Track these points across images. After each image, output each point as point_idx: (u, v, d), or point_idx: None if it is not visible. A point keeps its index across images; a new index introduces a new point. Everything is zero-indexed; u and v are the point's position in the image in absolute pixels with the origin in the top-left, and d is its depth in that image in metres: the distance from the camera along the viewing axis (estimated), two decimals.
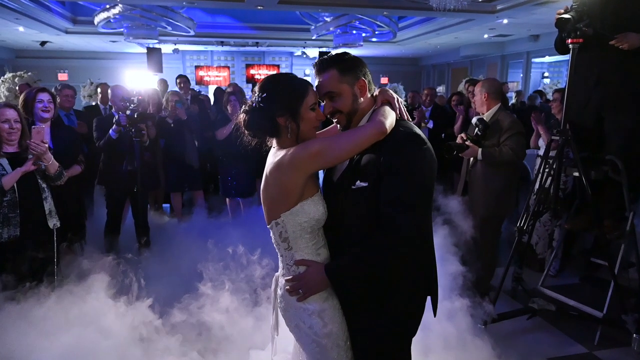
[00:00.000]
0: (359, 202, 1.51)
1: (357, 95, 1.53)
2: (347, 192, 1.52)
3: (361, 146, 1.45)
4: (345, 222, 1.55)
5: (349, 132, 1.51)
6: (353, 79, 1.52)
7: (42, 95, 3.35)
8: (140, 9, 10.04)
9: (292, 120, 1.47)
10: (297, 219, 1.48)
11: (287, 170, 1.44)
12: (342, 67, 1.52)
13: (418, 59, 18.93)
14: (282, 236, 1.52)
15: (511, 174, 3.40)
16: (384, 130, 1.44)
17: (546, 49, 12.11)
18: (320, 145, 1.45)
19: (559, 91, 4.24)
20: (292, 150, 1.46)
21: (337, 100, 1.53)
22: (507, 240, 4.69)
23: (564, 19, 2.81)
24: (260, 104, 1.48)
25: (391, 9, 9.84)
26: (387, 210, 1.43)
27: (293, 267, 1.54)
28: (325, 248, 1.57)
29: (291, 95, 1.47)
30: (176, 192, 5.15)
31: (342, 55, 1.55)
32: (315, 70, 1.57)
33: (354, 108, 1.54)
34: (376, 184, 1.46)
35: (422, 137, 1.48)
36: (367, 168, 1.48)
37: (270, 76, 1.55)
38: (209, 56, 17.21)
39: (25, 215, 2.66)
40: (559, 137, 3.00)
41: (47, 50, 14.97)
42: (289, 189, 1.46)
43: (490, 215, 3.42)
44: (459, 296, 3.32)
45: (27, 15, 9.77)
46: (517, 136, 3.26)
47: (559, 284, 3.79)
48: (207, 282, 2.93)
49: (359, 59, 1.57)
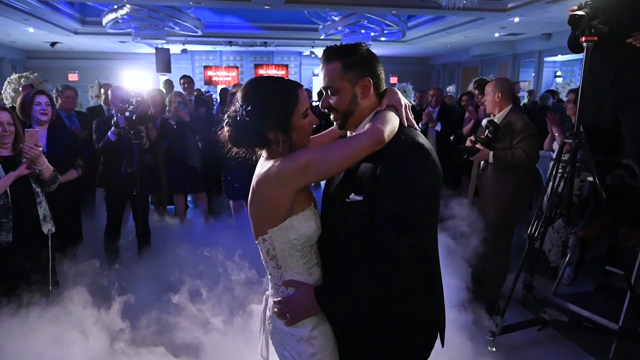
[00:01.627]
0: (354, 218, 1.34)
1: (357, 95, 1.37)
2: (342, 206, 1.37)
3: (356, 157, 1.30)
4: (339, 239, 1.39)
5: (342, 142, 1.34)
6: (356, 77, 1.36)
7: (40, 98, 3.30)
8: (147, 10, 10.04)
9: (283, 133, 1.32)
10: (286, 235, 1.33)
11: (273, 184, 1.30)
12: (347, 62, 1.35)
13: (428, 58, 18.75)
14: (270, 254, 1.38)
15: (523, 178, 3.28)
16: (382, 140, 1.28)
17: (559, 47, 11.89)
18: (309, 157, 1.29)
19: (574, 91, 4.06)
20: (279, 161, 1.30)
21: (335, 96, 1.38)
22: (517, 246, 4.56)
23: (577, 16, 2.68)
24: (246, 118, 1.31)
25: (400, 7, 9.71)
26: (382, 229, 1.25)
27: (282, 288, 1.39)
28: (318, 267, 1.41)
29: (281, 108, 1.31)
30: (179, 194, 5.09)
31: (352, 47, 1.37)
32: (322, 57, 1.40)
33: (350, 109, 1.38)
34: (372, 198, 1.29)
35: (425, 147, 1.31)
36: (363, 180, 1.31)
37: (253, 83, 1.37)
38: (218, 56, 17.22)
39: (19, 220, 2.60)
40: (572, 140, 2.86)
41: (57, 51, 15.09)
42: (275, 204, 1.31)
43: (501, 220, 3.31)
44: (466, 304, 3.22)
45: (36, 16, 9.83)
46: (530, 139, 3.14)
47: (572, 293, 3.65)
48: (202, 290, 2.86)
49: (371, 55, 1.39)
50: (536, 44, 12.90)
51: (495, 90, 3.28)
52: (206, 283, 2.92)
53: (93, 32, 12.24)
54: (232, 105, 1.37)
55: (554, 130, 3.92)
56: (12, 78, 6.62)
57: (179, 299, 2.80)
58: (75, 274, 3.12)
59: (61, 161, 3.28)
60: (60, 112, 4.40)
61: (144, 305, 2.87)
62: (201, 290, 2.85)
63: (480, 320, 3.05)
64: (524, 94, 10.40)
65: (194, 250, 3.53)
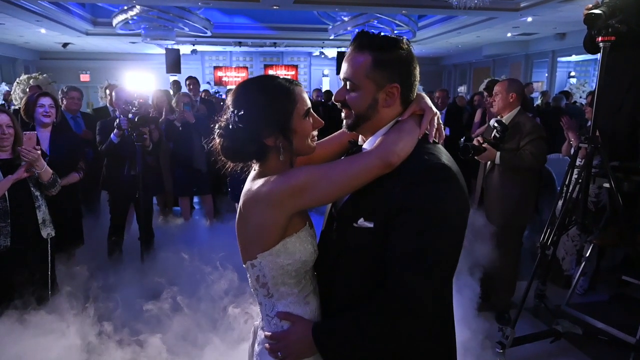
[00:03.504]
0: (361, 247, 1.15)
1: (378, 100, 1.16)
2: (347, 230, 1.17)
3: (360, 181, 1.11)
4: (342, 268, 1.20)
5: (345, 162, 1.15)
6: (384, 80, 1.14)
7: (44, 100, 3.28)
8: (157, 10, 10.06)
9: (283, 138, 1.15)
10: (279, 260, 1.15)
11: (263, 207, 1.12)
12: (380, 58, 1.13)
13: (439, 59, 18.56)
14: (260, 281, 1.19)
15: (530, 181, 3.22)
16: (392, 164, 1.09)
17: (573, 47, 11.65)
18: (306, 177, 1.11)
19: (593, 94, 3.94)
20: (272, 179, 1.12)
21: (353, 92, 1.17)
22: (529, 252, 4.43)
23: (593, 14, 2.56)
24: (239, 124, 1.14)
25: (410, 7, 9.58)
26: (397, 267, 1.06)
27: (274, 320, 1.21)
28: (314, 294, 1.24)
29: (278, 108, 1.13)
30: (184, 196, 5.04)
31: (391, 42, 1.15)
32: (353, 41, 1.18)
33: (367, 113, 1.18)
34: (385, 227, 1.09)
35: (452, 170, 1.10)
36: (375, 203, 1.12)
37: (244, 85, 1.19)
38: (228, 57, 17.24)
39: (17, 224, 2.56)
40: (588, 145, 2.74)
41: (69, 51, 15.24)
42: (266, 229, 1.14)
43: (507, 224, 3.22)
44: (474, 314, 3.11)
45: (47, 17, 9.91)
46: (538, 141, 3.08)
47: (586, 302, 3.52)
48: (201, 296, 2.81)
49: (411, 57, 1.17)
50: (549, 44, 12.67)
51: (510, 90, 3.21)
52: (206, 288, 2.86)
53: (104, 33, 12.32)
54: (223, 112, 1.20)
55: (570, 136, 3.79)
56: (22, 79, 6.64)
57: (177, 305, 2.75)
58: (76, 279, 3.09)
59: (63, 164, 3.25)
60: (66, 114, 4.38)
61: (143, 311, 2.81)
62: (200, 296, 2.80)
63: (490, 331, 2.95)
64: (537, 94, 10.20)
65: (198, 254, 3.48)
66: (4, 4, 8.43)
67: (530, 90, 8.80)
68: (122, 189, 3.83)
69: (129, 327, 2.57)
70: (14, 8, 8.80)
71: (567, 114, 4.67)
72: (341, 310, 1.18)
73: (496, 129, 3.11)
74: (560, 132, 3.99)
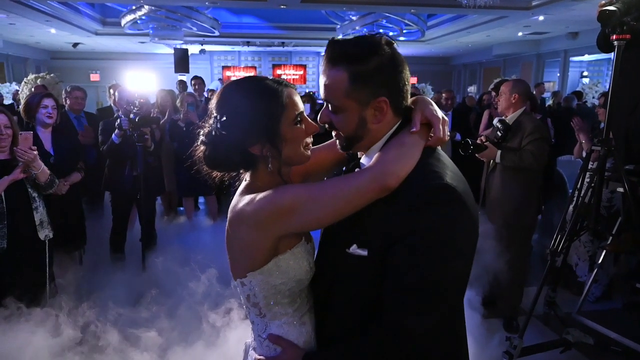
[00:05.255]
0: (353, 276, 1.04)
1: (366, 119, 1.01)
2: (339, 256, 1.05)
3: (353, 205, 0.98)
4: (336, 295, 1.09)
5: (336, 183, 1.01)
6: (367, 97, 0.99)
7: (47, 101, 3.26)
8: (164, 10, 10.09)
9: (270, 146, 1.04)
10: (270, 280, 1.05)
11: (248, 227, 1.02)
12: (358, 73, 0.97)
13: (448, 58, 18.39)
14: (251, 300, 1.10)
15: (531, 181, 3.16)
16: (389, 186, 0.96)
17: (586, 47, 11.44)
18: (292, 199, 0.99)
19: (605, 95, 3.84)
20: (257, 198, 1.01)
21: (336, 114, 1.04)
22: (540, 257, 4.32)
23: (608, 12, 2.46)
24: (221, 132, 1.04)
25: (419, 6, 9.48)
26: (392, 303, 0.95)
27: (266, 342, 1.12)
28: (311, 313, 1.13)
29: (263, 112, 1.02)
30: (188, 197, 5.01)
31: (367, 50, 0.97)
32: (324, 54, 1.03)
33: (357, 134, 1.04)
34: (381, 255, 0.97)
35: (457, 191, 0.96)
36: (369, 228, 0.99)
37: (229, 87, 1.08)
38: (237, 56, 17.26)
39: (13, 226, 2.52)
40: (601, 147, 2.64)
41: (79, 51, 15.37)
42: (253, 249, 1.04)
43: (508, 224, 3.16)
44: (481, 322, 3.02)
45: (57, 17, 9.97)
46: (539, 141, 3.05)
47: (598, 310, 3.40)
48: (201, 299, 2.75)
49: (394, 60, 1.00)
50: (561, 43, 12.46)
51: (513, 90, 3.20)
52: (206, 291, 2.81)
53: (113, 33, 12.40)
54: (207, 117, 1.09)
55: (582, 138, 3.70)
56: (29, 79, 6.67)
57: (176, 308, 2.70)
58: (75, 281, 3.05)
59: (66, 164, 3.23)
60: (69, 114, 4.37)
61: (140, 314, 2.77)
62: (200, 299, 2.74)
63: (497, 339, 2.85)
64: (549, 95, 10.02)
65: (200, 257, 3.43)
66: (14, 4, 8.49)
67: (542, 91, 8.62)
68: (123, 189, 3.80)
69: (124, 331, 2.53)
70: (23, 8, 8.87)
71: (579, 114, 4.55)
72: (335, 336, 1.10)
73: (498, 128, 3.13)
74: (571, 133, 3.88)
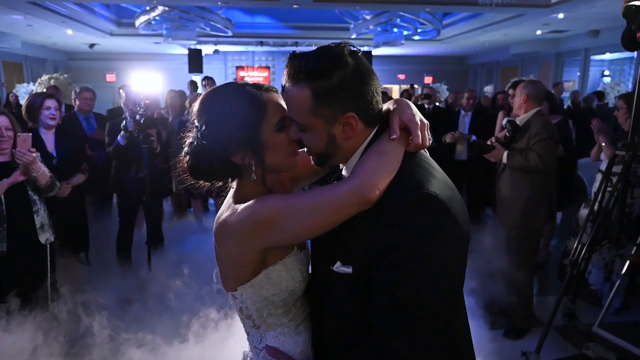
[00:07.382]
0: (341, 292, 0.99)
1: (335, 136, 0.96)
2: (326, 272, 1.01)
3: (332, 220, 0.93)
4: (327, 310, 1.05)
5: (314, 196, 0.95)
6: (334, 114, 0.94)
7: (50, 102, 3.22)
8: (178, 11, 10.12)
9: (252, 154, 1.00)
10: (262, 292, 1.02)
11: (229, 240, 0.99)
12: (320, 90, 0.92)
13: (464, 58, 18.09)
14: (244, 312, 1.08)
15: (542, 183, 3.03)
16: (369, 199, 0.90)
17: (607, 45, 11.06)
18: (271, 212, 0.95)
19: (622, 97, 3.66)
20: (240, 209, 0.98)
21: (304, 133, 0.99)
22: (557, 264, 4.15)
23: (634, 7, 2.32)
24: (202, 141, 1.01)
25: (434, 5, 9.29)
26: (377, 322, 0.90)
27: (262, 353, 1.10)
28: (307, 321, 1.11)
29: (242, 120, 0.98)
30: (196, 198, 4.97)
31: (328, 65, 0.92)
32: (285, 69, 0.98)
33: (328, 152, 1.00)
34: (365, 271, 0.92)
35: (441, 199, 0.89)
36: (352, 244, 0.95)
37: (209, 95, 1.05)
38: (250, 57, 17.25)
39: (14, 229, 2.48)
40: (625, 152, 2.49)
41: (96, 52, 15.55)
42: (239, 262, 1.01)
43: (518, 226, 3.04)
44: (489, 331, 2.90)
45: (73, 18, 10.07)
46: (547, 141, 2.93)
47: (619, 323, 3.22)
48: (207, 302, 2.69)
49: (359, 72, 0.94)
50: (582, 42, 12.10)
51: (523, 92, 3.10)
52: (210, 294, 2.74)
53: (128, 34, 12.48)
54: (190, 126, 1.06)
55: (601, 140, 3.52)
56: (43, 79, 6.76)
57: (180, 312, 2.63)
58: (78, 284, 3.02)
59: (69, 165, 3.19)
60: (78, 114, 4.35)
61: (144, 318, 2.71)
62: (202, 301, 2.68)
63: (508, 352, 2.72)
64: (568, 94, 9.73)
65: (207, 260, 3.37)
66: (30, 5, 8.58)
67: (560, 90, 8.34)
68: (129, 191, 3.76)
69: (124, 332, 2.47)
70: (39, 9, 8.96)
71: (598, 115, 4.35)
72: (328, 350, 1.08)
73: (507, 128, 3.08)
74: (592, 135, 3.70)
